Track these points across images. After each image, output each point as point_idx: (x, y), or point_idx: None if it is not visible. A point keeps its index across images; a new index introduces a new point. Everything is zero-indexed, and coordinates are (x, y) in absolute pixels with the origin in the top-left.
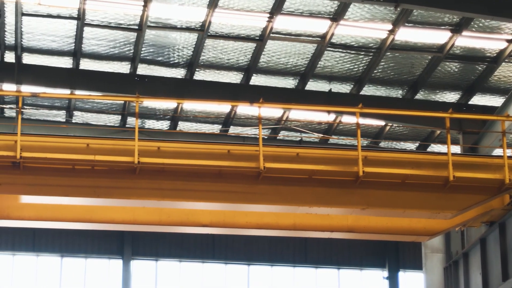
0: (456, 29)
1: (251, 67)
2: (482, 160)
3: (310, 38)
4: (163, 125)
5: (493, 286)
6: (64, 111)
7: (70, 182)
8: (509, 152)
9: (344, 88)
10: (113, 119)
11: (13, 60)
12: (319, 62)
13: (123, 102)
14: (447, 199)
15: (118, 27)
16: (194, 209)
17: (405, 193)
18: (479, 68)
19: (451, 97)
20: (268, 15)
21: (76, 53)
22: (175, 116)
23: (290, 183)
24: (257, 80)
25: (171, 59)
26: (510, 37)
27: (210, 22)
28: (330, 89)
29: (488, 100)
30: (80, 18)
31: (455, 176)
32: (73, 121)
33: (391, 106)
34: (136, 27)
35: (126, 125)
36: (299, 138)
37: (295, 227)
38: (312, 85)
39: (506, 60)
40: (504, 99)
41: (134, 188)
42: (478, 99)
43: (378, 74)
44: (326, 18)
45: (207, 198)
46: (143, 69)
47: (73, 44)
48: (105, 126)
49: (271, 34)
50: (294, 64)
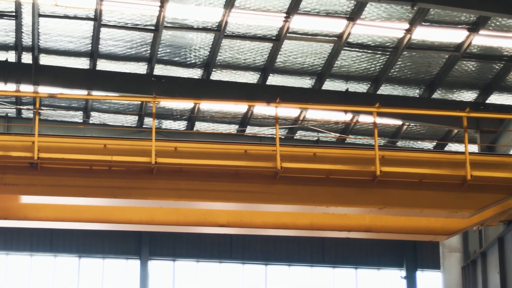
0: (473, 28)
1: (267, 67)
2: (500, 159)
3: (327, 38)
4: (180, 125)
5: (511, 285)
6: (81, 112)
7: (87, 183)
8: None
9: (361, 87)
10: (130, 120)
11: (30, 61)
12: (336, 62)
13: (140, 102)
14: (464, 198)
15: (134, 27)
16: (211, 209)
17: (422, 193)
18: (496, 67)
19: (468, 96)
20: (285, 15)
21: (93, 54)
22: (192, 116)
23: (307, 183)
24: (273, 80)
25: (188, 59)
26: None
27: (226, 22)
28: (347, 88)
29: (505, 99)
30: (96, 19)
31: (472, 175)
32: (90, 121)
33: (408, 105)
34: (153, 27)
35: (143, 126)
36: (316, 138)
37: (313, 227)
38: (329, 85)
39: None
40: None
41: (151, 188)
42: (495, 98)
43: (395, 73)
44: (342, 18)
45: (224, 198)
46: (160, 70)
47: (90, 45)
48: (122, 127)
49: (287, 34)
50: (310, 63)
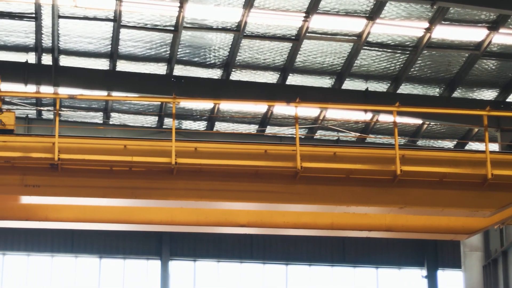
0: (493, 26)
1: (287, 67)
2: None
3: (346, 37)
4: (200, 125)
5: None
6: (101, 113)
7: (108, 184)
8: None
9: (380, 86)
10: (150, 120)
11: (50, 63)
12: (356, 61)
13: (160, 103)
14: (485, 197)
15: (154, 28)
16: (232, 209)
17: (443, 192)
18: None
19: (489, 94)
20: (304, 14)
21: (113, 54)
22: (212, 117)
23: (328, 183)
24: (293, 79)
25: (207, 59)
26: None
27: (246, 22)
28: (367, 88)
29: None
30: (116, 20)
31: (493, 174)
32: (110, 122)
33: (428, 104)
34: (172, 28)
35: (163, 126)
36: (336, 138)
37: (333, 227)
38: (349, 84)
39: None
40: None
41: (171, 189)
42: None
43: (415, 72)
44: (362, 17)
45: (245, 198)
46: (179, 70)
47: (110, 46)
48: (142, 127)
49: (307, 34)
50: (330, 63)
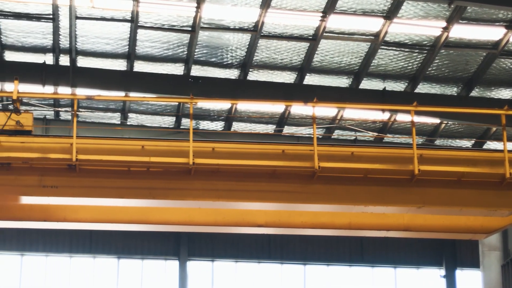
0: (511, 25)
1: (304, 67)
2: None
3: (364, 37)
4: (218, 126)
5: None
6: (119, 113)
7: (125, 184)
8: None
9: (398, 86)
10: (167, 121)
11: (67, 64)
12: (373, 61)
13: (177, 103)
14: (504, 197)
15: (171, 28)
16: (249, 209)
17: (461, 191)
18: None
19: (507, 93)
20: (321, 14)
21: (130, 55)
22: (229, 117)
23: (345, 182)
24: (310, 79)
25: (225, 60)
26: None
27: (263, 22)
28: (384, 87)
29: None
30: (133, 21)
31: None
32: (128, 123)
33: (446, 103)
34: (189, 28)
35: (181, 127)
36: (354, 137)
37: (351, 226)
38: (366, 84)
39: None
40: None
41: (189, 189)
42: None
43: (433, 71)
44: (379, 16)
45: (262, 198)
46: (196, 70)
47: (127, 47)
48: (160, 128)
49: (324, 33)
50: (347, 63)
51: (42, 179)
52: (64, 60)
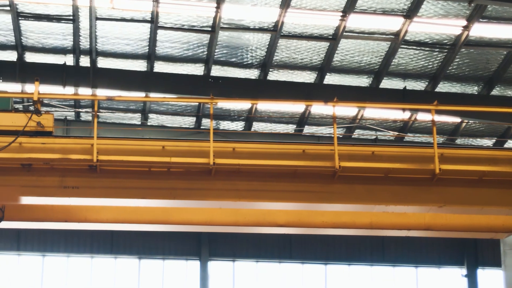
0: None
1: (324, 66)
2: None
3: (384, 36)
4: (238, 126)
5: None
6: (139, 114)
7: (146, 184)
8: None
9: (418, 85)
10: (188, 121)
11: (88, 65)
12: (393, 60)
13: (197, 103)
14: None
15: (191, 29)
16: (270, 209)
17: (482, 190)
18: None
19: None
20: (341, 13)
21: (150, 56)
22: (249, 117)
23: (366, 182)
24: (331, 79)
25: (245, 60)
26: None
27: (283, 22)
28: (405, 86)
29: None
30: (153, 21)
31: None
32: (149, 123)
33: (467, 102)
34: (209, 28)
35: (201, 127)
36: (374, 137)
37: (372, 226)
38: (387, 83)
39: None
40: None
41: (210, 189)
42: None
43: (453, 70)
44: (399, 16)
45: (283, 198)
46: (217, 71)
47: (147, 47)
48: (180, 128)
49: (344, 33)
50: (368, 62)
51: (63, 180)
52: (85, 61)
